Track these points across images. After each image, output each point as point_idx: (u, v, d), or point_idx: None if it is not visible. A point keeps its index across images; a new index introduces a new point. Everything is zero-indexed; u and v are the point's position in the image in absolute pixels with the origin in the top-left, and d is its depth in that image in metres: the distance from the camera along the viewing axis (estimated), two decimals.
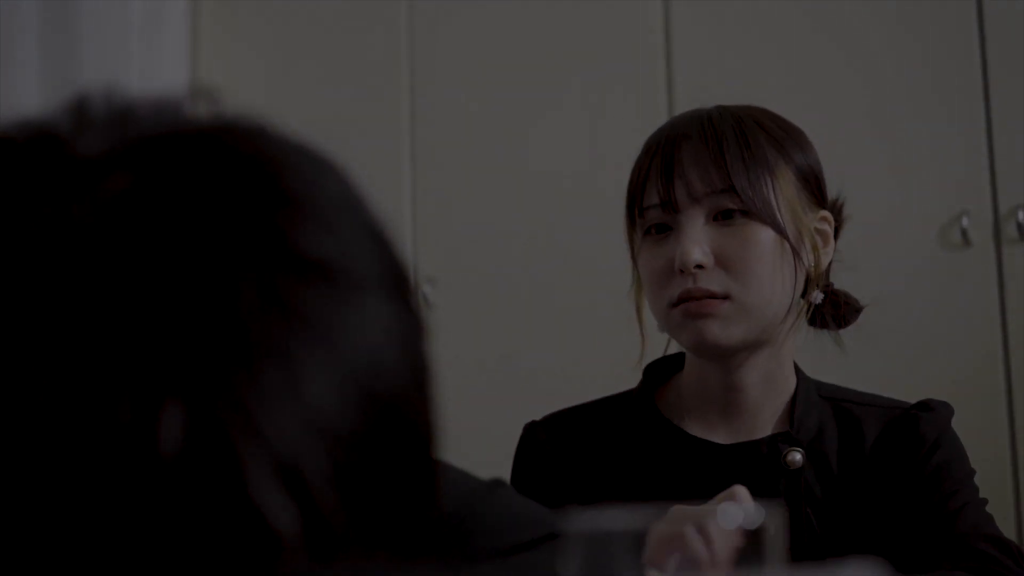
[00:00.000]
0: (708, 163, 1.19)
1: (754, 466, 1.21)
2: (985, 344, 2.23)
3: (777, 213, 1.19)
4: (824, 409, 1.25)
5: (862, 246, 1.27)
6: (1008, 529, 2.13)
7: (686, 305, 1.18)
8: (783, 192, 1.20)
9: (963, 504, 1.19)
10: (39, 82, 2.52)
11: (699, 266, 1.17)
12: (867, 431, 1.23)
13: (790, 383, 1.26)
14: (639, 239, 1.25)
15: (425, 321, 0.48)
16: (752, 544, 0.44)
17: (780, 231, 1.19)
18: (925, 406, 1.25)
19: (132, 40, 2.64)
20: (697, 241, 1.18)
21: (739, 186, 1.18)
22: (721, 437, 1.24)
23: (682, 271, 1.18)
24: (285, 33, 2.79)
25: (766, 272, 1.19)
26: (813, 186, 1.25)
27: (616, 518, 0.43)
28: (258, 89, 2.69)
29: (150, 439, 0.38)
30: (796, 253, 1.20)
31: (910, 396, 1.28)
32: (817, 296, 1.25)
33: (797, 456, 1.20)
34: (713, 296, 1.17)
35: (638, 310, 1.29)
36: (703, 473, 1.20)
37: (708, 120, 1.23)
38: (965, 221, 2.27)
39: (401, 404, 0.44)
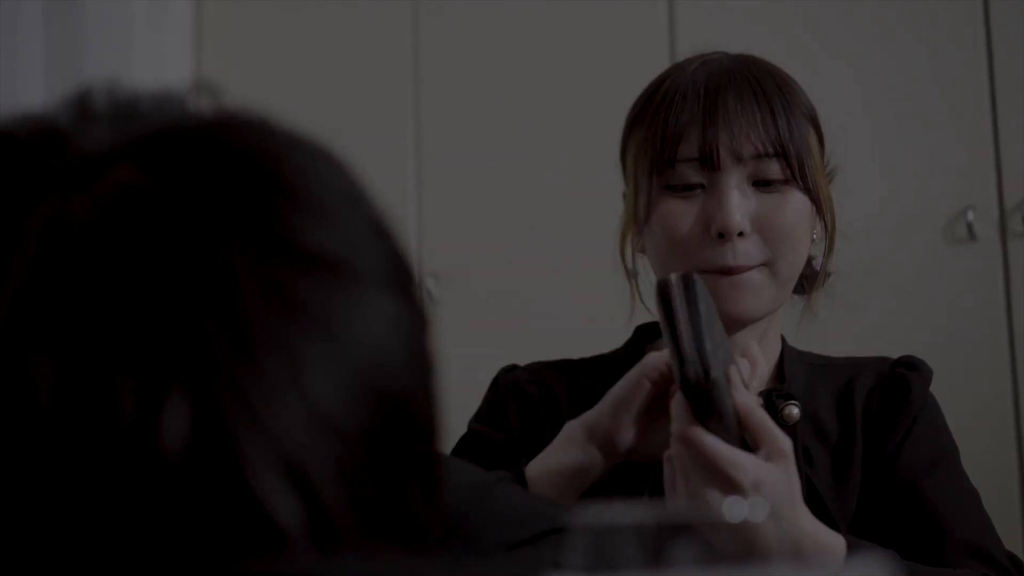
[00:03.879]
0: (757, 121, 1.10)
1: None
2: (990, 338, 2.23)
3: (816, 183, 1.13)
4: (812, 370, 1.20)
5: (868, 241, 1.25)
6: (1015, 529, 2.13)
7: (725, 280, 1.10)
8: (814, 157, 1.14)
9: (956, 501, 1.13)
10: (44, 80, 2.52)
11: (740, 233, 1.10)
12: (857, 390, 1.17)
13: (778, 344, 1.20)
14: (656, 190, 1.14)
15: (428, 315, 0.47)
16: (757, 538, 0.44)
17: (817, 202, 1.13)
18: (911, 365, 1.19)
19: (136, 37, 2.65)
20: (741, 205, 1.10)
21: (789, 152, 1.10)
22: None
23: (721, 236, 1.10)
24: (289, 29, 2.79)
25: (802, 241, 1.13)
26: (824, 148, 1.19)
27: (621, 512, 0.43)
28: (261, 85, 2.69)
29: (153, 433, 0.38)
30: (829, 222, 1.15)
31: None
32: (822, 263, 1.19)
33: (794, 410, 1.14)
34: (750, 267, 1.11)
35: (621, 253, 1.20)
36: None
37: (748, 70, 1.14)
38: (970, 216, 2.26)
39: (404, 398, 0.44)
